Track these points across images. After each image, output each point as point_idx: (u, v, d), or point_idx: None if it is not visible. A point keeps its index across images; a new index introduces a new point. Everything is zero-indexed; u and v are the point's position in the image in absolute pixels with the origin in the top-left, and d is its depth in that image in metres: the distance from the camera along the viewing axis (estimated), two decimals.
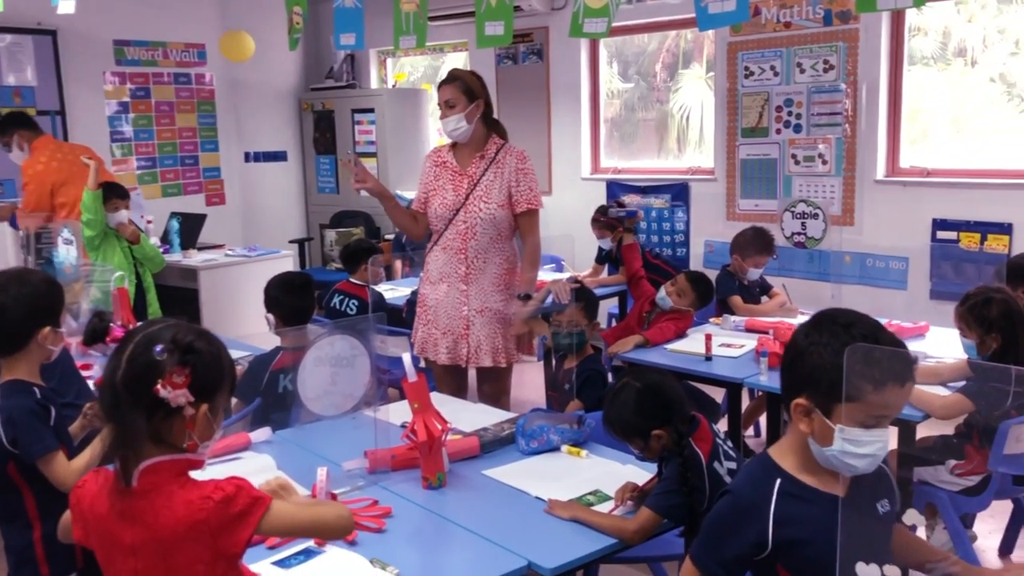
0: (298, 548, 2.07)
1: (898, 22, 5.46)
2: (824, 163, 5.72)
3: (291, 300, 3.41)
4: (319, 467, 2.25)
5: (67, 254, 4.41)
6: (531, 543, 2.10)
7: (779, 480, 1.65)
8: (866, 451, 1.57)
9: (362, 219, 7.67)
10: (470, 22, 5.81)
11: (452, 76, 3.64)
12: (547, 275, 5.82)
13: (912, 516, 1.51)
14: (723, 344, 3.97)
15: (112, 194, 4.80)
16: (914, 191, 5.41)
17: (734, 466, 2.35)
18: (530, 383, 5.42)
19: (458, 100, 3.56)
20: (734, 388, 3.73)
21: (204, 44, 7.48)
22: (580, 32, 3.20)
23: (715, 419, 3.81)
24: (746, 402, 4.57)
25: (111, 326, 2.98)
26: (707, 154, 6.52)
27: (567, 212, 6.84)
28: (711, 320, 4.54)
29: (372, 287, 4.93)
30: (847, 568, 1.47)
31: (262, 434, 2.83)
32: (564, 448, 2.74)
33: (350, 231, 7.29)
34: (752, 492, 1.67)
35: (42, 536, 2.27)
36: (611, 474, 2.53)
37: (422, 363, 3.93)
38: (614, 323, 5.41)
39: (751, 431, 4.79)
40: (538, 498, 2.36)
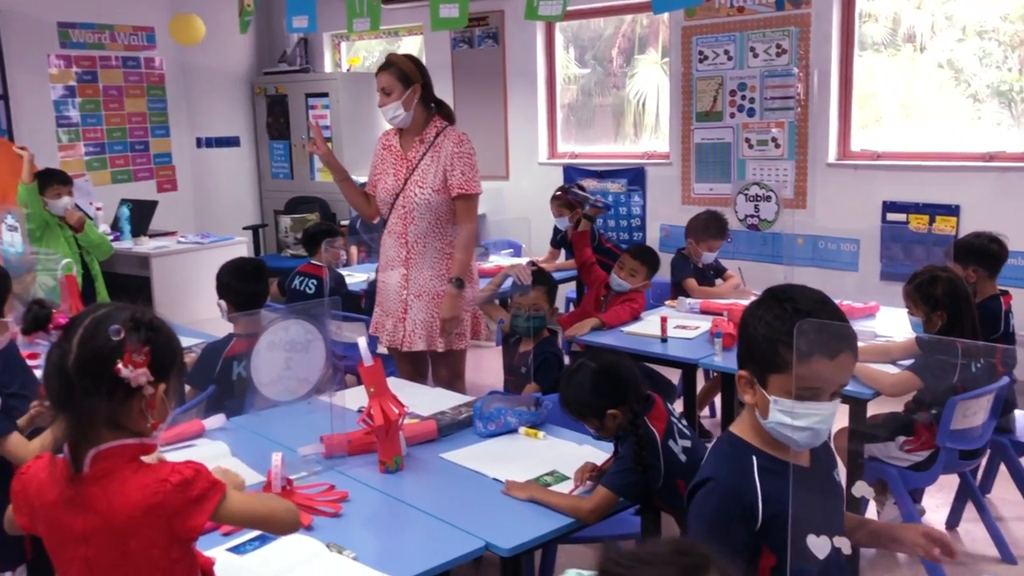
0: (253, 535, 2.04)
1: (848, 8, 5.53)
2: (777, 147, 5.79)
3: (244, 286, 3.37)
4: (274, 453, 2.23)
5: (12, 240, 4.30)
6: (488, 524, 2.10)
7: (754, 457, 1.65)
8: (802, 423, 1.57)
9: (317, 205, 7.59)
10: (425, 5, 5.75)
11: (387, 63, 3.60)
12: (505, 260, 5.83)
13: (861, 488, 1.52)
14: (678, 326, 4.01)
15: (53, 180, 4.66)
16: (865, 174, 5.50)
17: (689, 444, 2.38)
18: (488, 368, 5.42)
19: (394, 87, 3.54)
20: (689, 369, 3.77)
21: (153, 27, 7.33)
22: (535, 15, 3.20)
23: (670, 400, 3.84)
24: (701, 383, 4.63)
25: (52, 312, 2.91)
26: (663, 139, 6.56)
27: (524, 196, 6.84)
28: (667, 302, 4.58)
29: (331, 268, 4.91)
30: (799, 539, 1.50)
31: (216, 421, 2.80)
32: (521, 430, 2.75)
33: (305, 217, 7.21)
34: (735, 473, 1.64)
35: None
36: (568, 455, 2.54)
37: (381, 348, 3.91)
38: (572, 307, 5.43)
39: (706, 411, 4.85)
40: (495, 480, 2.37)
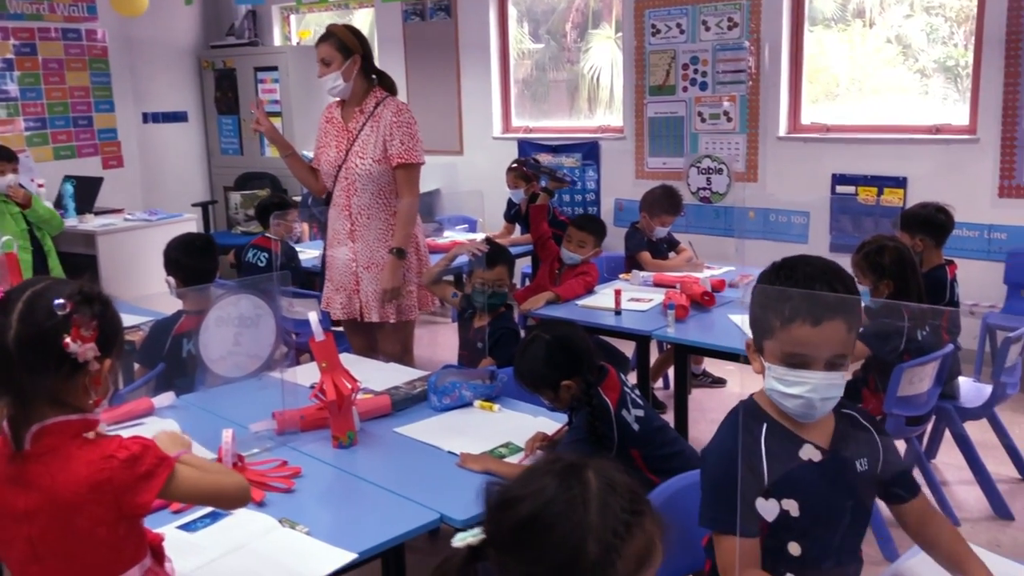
0: (204, 512, 2.02)
1: None
2: (729, 120, 5.82)
3: (192, 262, 3.31)
4: (224, 430, 2.20)
5: None
6: (443, 497, 2.09)
7: (765, 424, 1.63)
8: (793, 391, 1.55)
9: (268, 180, 7.48)
10: None
11: (327, 33, 3.58)
12: (460, 235, 5.81)
13: (808, 452, 1.54)
14: (632, 299, 4.04)
15: None
16: (815, 147, 5.57)
17: (641, 414, 2.40)
18: (444, 343, 5.41)
19: (333, 58, 3.52)
20: (643, 341, 3.79)
21: None
22: None
23: (624, 372, 3.88)
24: (655, 355, 4.67)
25: None
26: (617, 113, 6.57)
27: (478, 171, 6.81)
28: (620, 276, 4.61)
29: (283, 242, 4.86)
30: (747, 502, 1.51)
31: (165, 399, 2.75)
32: (476, 403, 2.74)
33: (256, 193, 7.11)
34: (744, 437, 1.62)
35: None
36: (523, 427, 2.54)
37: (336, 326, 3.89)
38: (528, 282, 5.43)
39: (660, 383, 4.90)
40: (450, 452, 2.36)
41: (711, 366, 4.99)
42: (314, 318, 2.38)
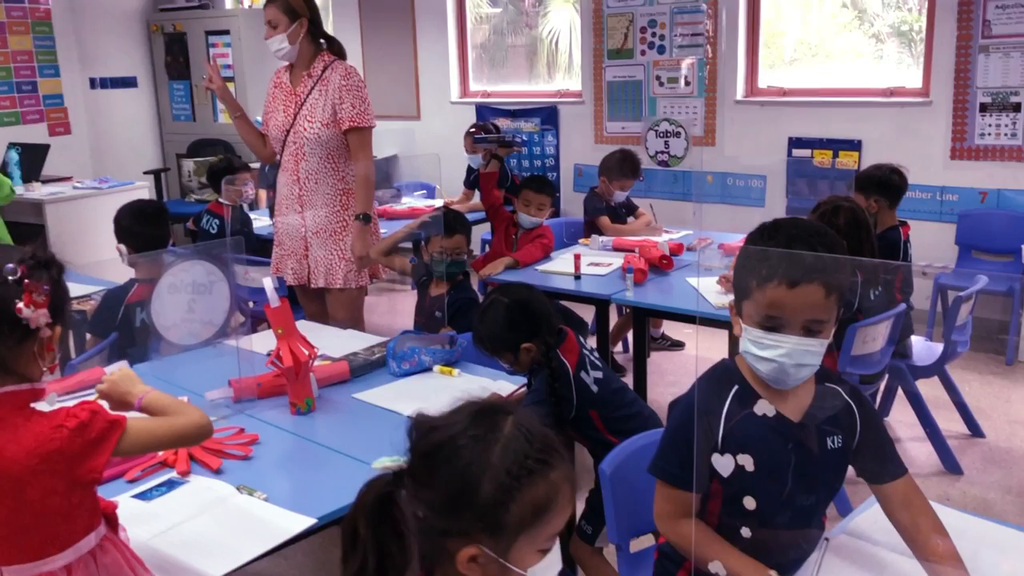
0: (159, 480, 2.00)
1: None
2: (687, 84, 5.82)
3: (144, 229, 3.23)
4: (179, 398, 2.16)
5: None
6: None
7: (736, 386, 1.60)
8: (767, 354, 1.50)
9: (221, 147, 7.34)
10: None
11: None
12: (418, 201, 5.76)
13: (763, 407, 1.54)
14: (591, 263, 4.05)
15: None
16: (771, 111, 5.59)
17: (600, 375, 2.41)
18: (403, 310, 5.38)
19: (279, 20, 3.47)
20: (602, 305, 3.81)
21: None
22: None
23: (583, 337, 3.89)
24: (614, 320, 4.69)
25: None
26: (575, 78, 6.53)
27: (436, 136, 6.75)
28: (580, 241, 4.61)
29: (235, 208, 4.78)
30: (703, 459, 1.53)
31: (118, 369, 2.69)
32: (436, 368, 2.73)
33: (209, 160, 6.97)
34: (709, 394, 1.61)
35: None
36: (483, 390, 2.50)
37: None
38: (487, 248, 5.41)
39: (619, 347, 4.93)
40: (410, 418, 2.35)
41: (670, 329, 5.03)
42: (269, 284, 2.35)
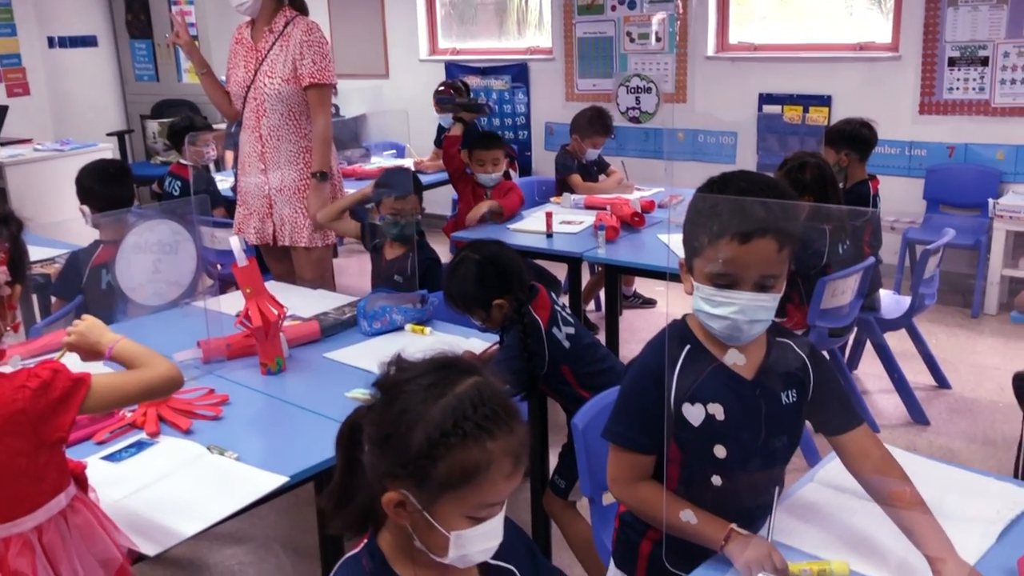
0: (129, 442, 1.98)
1: None
2: (658, 40, 5.78)
3: (107, 190, 3.17)
4: None
5: None
6: None
7: (688, 347, 1.56)
8: (719, 312, 1.47)
9: (187, 108, 7.20)
10: None
11: None
12: (387, 161, 5.70)
13: (733, 356, 1.54)
14: (563, 221, 4.04)
15: None
16: (742, 67, 5.57)
17: (572, 331, 2.41)
18: (363, 271, 5.33)
19: None
20: (574, 263, 3.80)
21: None
22: None
23: (556, 295, 3.90)
24: (586, 278, 4.70)
25: None
26: (546, 35, 6.46)
27: (404, 95, 6.67)
28: (551, 199, 4.59)
29: (197, 168, 4.69)
30: (676, 409, 1.53)
31: None
32: (408, 327, 2.72)
33: (174, 121, 6.84)
34: (660, 358, 1.57)
35: None
36: (455, 348, 2.50)
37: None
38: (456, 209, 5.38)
39: (592, 306, 4.94)
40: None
41: (642, 287, 5.05)
42: (235, 242, 2.31)
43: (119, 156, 7.05)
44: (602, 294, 4.44)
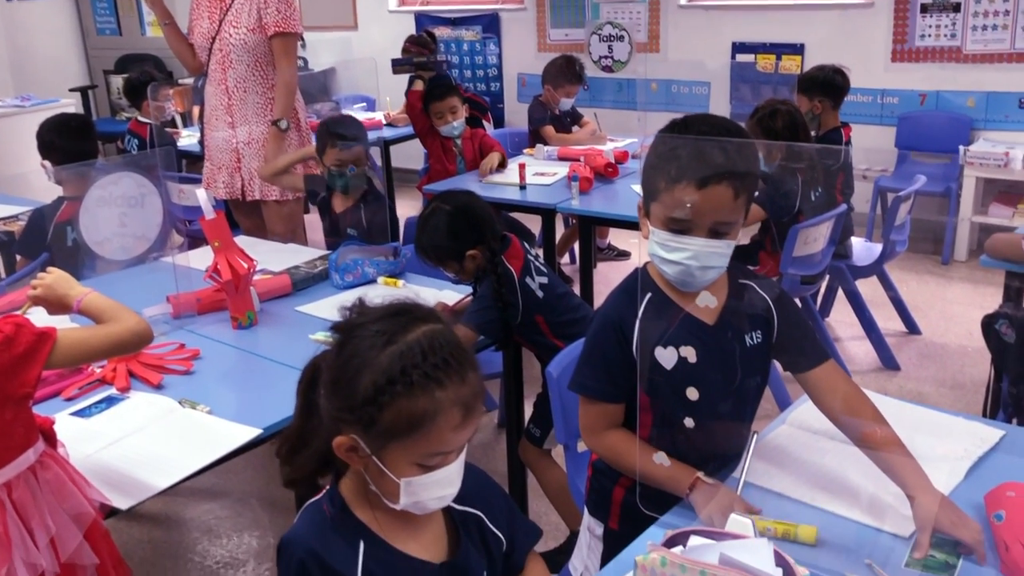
0: (98, 397, 1.96)
1: None
2: None
3: (70, 144, 3.09)
4: None
5: None
6: None
7: (650, 293, 1.55)
8: (673, 257, 1.45)
9: (151, 62, 7.04)
10: None
11: None
12: (359, 114, 5.62)
13: (705, 298, 1.53)
14: (537, 173, 4.01)
15: None
16: (715, 15, 5.52)
17: (545, 281, 2.40)
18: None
19: None
20: (548, 214, 3.78)
21: None
22: None
23: (530, 248, 3.89)
24: (560, 231, 4.68)
25: None
26: None
27: (374, 47, 6.54)
28: (525, 151, 4.56)
29: (157, 126, 4.59)
30: (646, 353, 1.53)
31: None
32: (380, 280, 2.70)
33: (129, 77, 6.70)
34: (624, 302, 1.57)
35: None
36: (428, 302, 2.50)
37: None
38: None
39: (566, 259, 4.94)
40: None
41: (616, 239, 5.05)
42: (202, 195, 2.27)
43: (83, 111, 6.90)
44: (576, 247, 4.43)
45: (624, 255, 5.02)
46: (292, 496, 2.66)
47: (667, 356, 1.52)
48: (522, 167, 3.89)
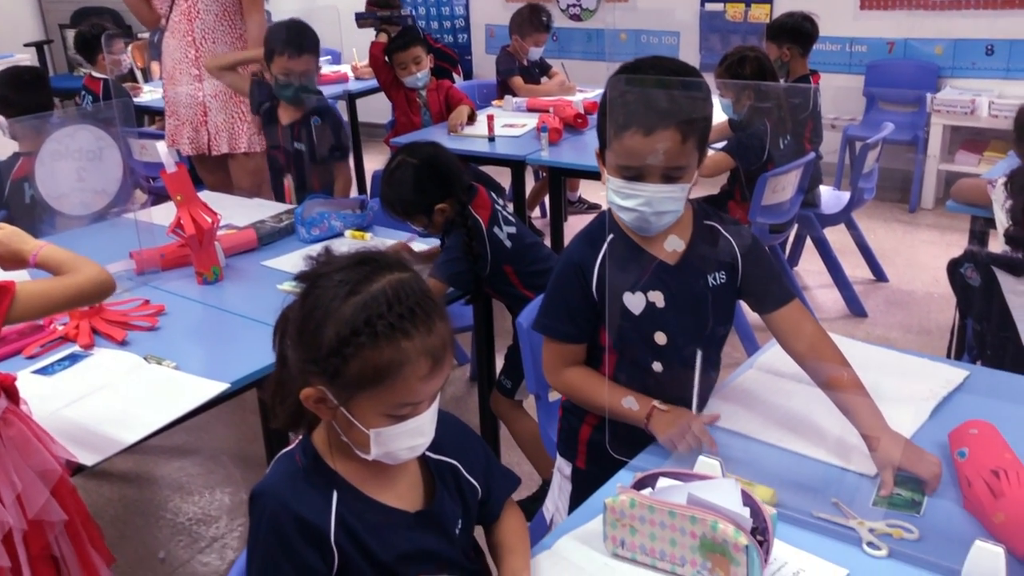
0: (61, 355, 1.92)
1: None
2: None
3: (23, 98, 2.99)
4: None
5: None
6: None
7: (611, 236, 1.55)
8: (628, 204, 1.45)
9: (109, 16, 6.86)
10: None
11: None
12: (325, 67, 5.51)
13: (673, 242, 1.53)
14: (506, 124, 3.98)
15: None
16: None
17: (514, 231, 2.38)
18: None
19: None
20: (517, 166, 3.75)
21: None
22: None
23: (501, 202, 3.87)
24: (531, 184, 4.66)
25: None
26: None
27: None
28: (493, 102, 4.51)
29: (113, 81, 4.47)
30: (615, 299, 1.53)
31: None
32: (347, 233, 2.67)
33: (80, 30, 6.51)
34: (585, 245, 1.58)
35: None
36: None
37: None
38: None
39: (537, 212, 4.92)
40: None
41: (587, 191, 5.03)
42: (162, 148, 2.22)
43: (40, 67, 6.71)
44: (547, 200, 4.42)
45: (595, 208, 5.00)
46: (264, 451, 2.65)
47: (635, 301, 1.52)
48: (491, 119, 3.85)
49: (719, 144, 3.27)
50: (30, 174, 2.82)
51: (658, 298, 1.50)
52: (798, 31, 3.67)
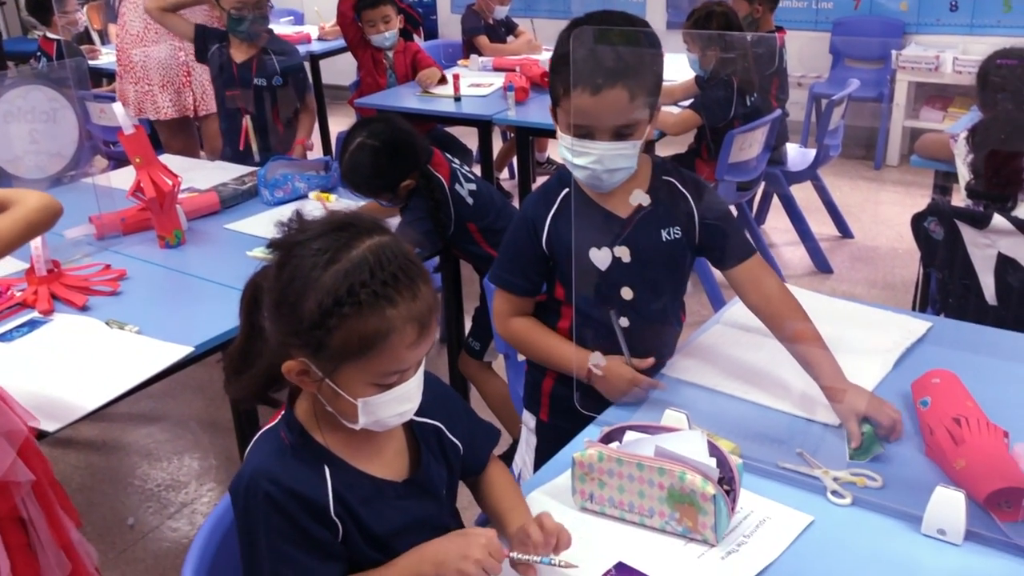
0: (20, 321, 1.89)
1: None
2: None
3: None
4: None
5: None
6: None
7: (565, 190, 1.55)
8: (579, 161, 1.45)
9: None
10: None
11: None
12: (286, 28, 5.43)
13: (638, 195, 1.52)
14: (472, 84, 3.94)
15: None
16: None
17: (475, 187, 2.38)
18: None
19: None
20: (484, 126, 3.72)
21: None
22: None
23: (468, 165, 3.82)
24: (498, 145, 4.63)
25: None
26: None
27: None
28: (459, 62, 4.46)
29: (68, 44, 4.34)
30: (582, 255, 1.52)
31: None
32: (312, 195, 2.64)
33: None
34: (540, 201, 1.58)
35: None
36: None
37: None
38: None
39: (505, 174, 4.89)
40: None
41: (555, 151, 5.00)
42: (119, 109, 2.17)
43: None
44: (515, 161, 4.39)
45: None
46: (231, 417, 2.64)
47: (602, 257, 1.51)
48: (456, 78, 3.81)
49: (686, 102, 3.26)
50: None
51: (624, 253, 1.50)
52: None
